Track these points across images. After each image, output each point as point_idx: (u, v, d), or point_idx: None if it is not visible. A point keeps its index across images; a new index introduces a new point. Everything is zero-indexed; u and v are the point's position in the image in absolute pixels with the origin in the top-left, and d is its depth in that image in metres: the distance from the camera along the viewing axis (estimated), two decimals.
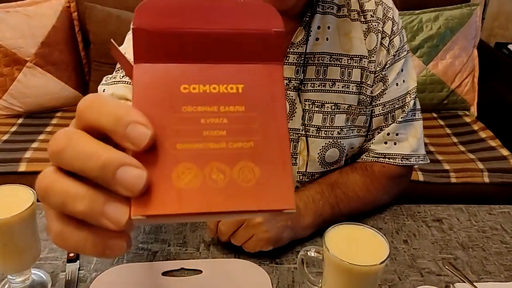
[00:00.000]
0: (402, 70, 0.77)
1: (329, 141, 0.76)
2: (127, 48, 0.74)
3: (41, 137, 1.60)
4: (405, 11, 1.74)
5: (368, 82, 0.75)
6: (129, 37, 0.79)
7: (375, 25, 0.74)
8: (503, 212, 0.80)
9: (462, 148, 1.60)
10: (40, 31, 1.67)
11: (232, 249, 0.68)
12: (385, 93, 0.77)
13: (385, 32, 0.75)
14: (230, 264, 0.66)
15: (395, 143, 0.79)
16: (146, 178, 0.26)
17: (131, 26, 0.29)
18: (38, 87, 1.69)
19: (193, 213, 0.27)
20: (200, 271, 0.65)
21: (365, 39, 0.74)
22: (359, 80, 0.75)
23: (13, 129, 1.64)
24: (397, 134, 0.79)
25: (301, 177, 0.78)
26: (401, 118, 0.78)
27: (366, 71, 0.75)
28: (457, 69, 1.76)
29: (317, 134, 0.75)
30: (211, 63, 0.29)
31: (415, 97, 0.79)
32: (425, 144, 1.60)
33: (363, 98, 0.76)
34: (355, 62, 0.74)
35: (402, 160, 0.79)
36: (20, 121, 1.69)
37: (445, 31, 1.72)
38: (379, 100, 0.77)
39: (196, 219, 0.29)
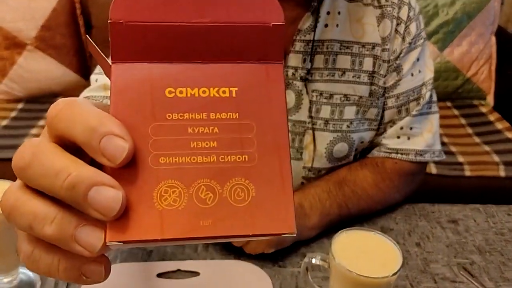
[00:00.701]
0: (418, 60, 0.72)
1: (338, 135, 0.71)
2: None
3: (41, 123, 1.56)
4: None
5: (381, 72, 0.70)
6: None
7: (390, 10, 0.69)
8: None
9: (477, 140, 1.54)
10: (40, 14, 1.62)
11: (232, 250, 0.64)
12: (399, 84, 0.72)
13: (400, 18, 0.69)
14: (229, 266, 0.62)
15: (408, 138, 0.74)
16: (123, 199, 0.23)
17: (108, 20, 0.25)
18: (39, 72, 1.66)
19: (178, 238, 0.23)
20: (198, 273, 0.61)
21: (378, 26, 0.69)
22: (371, 69, 0.70)
23: (13, 114, 1.61)
24: (411, 128, 0.74)
25: (307, 172, 0.73)
26: (416, 111, 0.73)
27: (379, 60, 0.70)
28: (473, 56, 1.69)
29: (325, 128, 0.70)
30: (200, 62, 0.26)
31: (432, 88, 0.74)
32: (439, 135, 1.56)
33: (375, 89, 0.71)
34: (367, 51, 0.69)
35: (415, 156, 0.74)
36: (20, 106, 1.66)
37: (462, 16, 1.65)
38: (393, 91, 0.72)
39: (181, 243, 0.25)
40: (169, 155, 0.24)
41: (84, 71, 1.77)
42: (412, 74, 0.72)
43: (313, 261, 0.52)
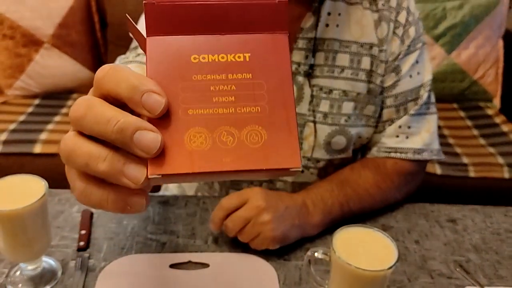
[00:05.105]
0: (417, 62, 0.76)
1: (336, 128, 0.75)
2: (142, 24, 0.75)
3: (57, 118, 1.61)
4: None
5: (379, 72, 0.74)
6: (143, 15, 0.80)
7: (387, 14, 0.73)
8: None
9: (482, 142, 1.56)
10: (57, 12, 1.67)
11: (240, 244, 0.68)
12: (397, 85, 0.76)
13: (398, 21, 0.74)
14: (237, 259, 0.66)
15: (407, 137, 0.78)
16: (161, 141, 0.28)
17: (143, 1, 0.31)
18: (55, 68, 1.70)
19: (205, 172, 0.29)
20: (207, 265, 0.65)
21: (376, 28, 0.73)
22: (369, 68, 0.74)
23: (30, 110, 1.65)
24: (409, 127, 0.77)
25: (306, 162, 0.78)
26: (414, 110, 0.77)
27: (376, 60, 0.74)
28: (480, 59, 1.70)
29: (324, 121, 0.75)
30: (218, 34, 0.31)
31: (430, 90, 0.78)
32: (444, 136, 1.58)
33: (373, 87, 0.75)
34: (365, 50, 0.73)
35: (414, 155, 0.77)
36: (36, 102, 1.71)
37: (470, 20, 1.67)
38: (391, 91, 0.76)
39: (207, 179, 0.36)
40: (196, 107, 0.30)
41: (99, 68, 1.81)
42: (410, 76, 0.75)
43: (316, 254, 0.56)
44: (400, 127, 0.77)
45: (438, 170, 1.41)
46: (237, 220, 0.65)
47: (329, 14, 0.71)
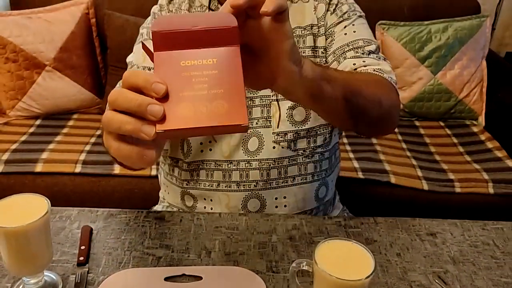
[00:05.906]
0: (353, 25, 0.85)
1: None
2: (150, 42, 0.84)
3: (58, 138, 1.65)
4: (414, 21, 1.76)
5: (321, 45, 0.86)
6: (146, 26, 0.89)
7: None
8: (496, 228, 0.82)
9: (468, 158, 1.61)
10: (59, 37, 1.73)
11: (231, 257, 0.72)
12: (333, 43, 0.85)
13: (332, 2, 0.87)
14: (229, 272, 0.70)
15: (365, 66, 0.80)
16: (163, 111, 0.46)
17: (151, 30, 0.51)
18: (56, 90, 1.75)
19: (190, 127, 0.46)
20: (201, 278, 0.68)
21: (315, 11, 0.86)
22: (313, 45, 0.86)
23: (31, 130, 1.70)
24: (364, 61, 0.81)
25: (276, 137, 0.85)
26: (364, 54, 0.81)
27: (317, 36, 0.86)
28: (465, 79, 1.77)
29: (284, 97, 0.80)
30: (197, 48, 0.49)
31: (374, 44, 0.83)
32: (431, 153, 1.63)
33: (320, 60, 0.86)
34: (307, 31, 0.86)
35: (374, 71, 0.79)
36: (38, 122, 1.75)
37: (454, 42, 1.73)
38: (329, 50, 0.86)
39: (193, 133, 0.55)
40: (184, 91, 0.47)
41: (98, 89, 1.87)
42: (345, 34, 0.84)
43: (301, 266, 0.60)
44: (354, 64, 0.81)
45: (425, 186, 1.45)
46: None
47: None
